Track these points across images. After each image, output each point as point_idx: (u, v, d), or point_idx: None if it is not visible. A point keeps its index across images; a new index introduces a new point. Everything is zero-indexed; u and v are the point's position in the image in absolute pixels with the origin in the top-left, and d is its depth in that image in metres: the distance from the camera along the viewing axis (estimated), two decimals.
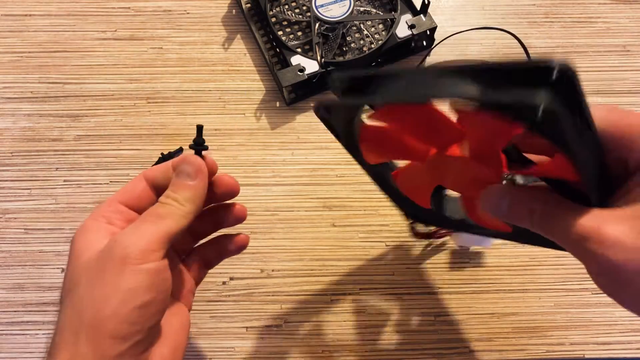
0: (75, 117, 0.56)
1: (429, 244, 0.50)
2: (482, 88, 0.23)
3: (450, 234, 0.47)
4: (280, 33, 0.58)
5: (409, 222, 0.45)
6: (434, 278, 0.49)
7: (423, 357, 0.46)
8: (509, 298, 0.48)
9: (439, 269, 0.49)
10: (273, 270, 0.50)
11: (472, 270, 0.49)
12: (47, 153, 0.54)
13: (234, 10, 0.61)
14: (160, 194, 0.33)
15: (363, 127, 0.32)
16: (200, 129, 0.34)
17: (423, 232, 0.46)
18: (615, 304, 0.25)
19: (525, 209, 0.27)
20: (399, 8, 0.57)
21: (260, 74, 0.58)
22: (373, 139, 0.33)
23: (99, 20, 0.61)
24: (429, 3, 0.55)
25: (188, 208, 0.32)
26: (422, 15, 0.56)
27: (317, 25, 0.56)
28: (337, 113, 0.33)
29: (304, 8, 0.60)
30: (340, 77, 0.30)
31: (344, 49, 0.58)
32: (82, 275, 0.29)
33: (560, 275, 0.49)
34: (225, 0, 0.62)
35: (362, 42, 0.58)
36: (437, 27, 0.56)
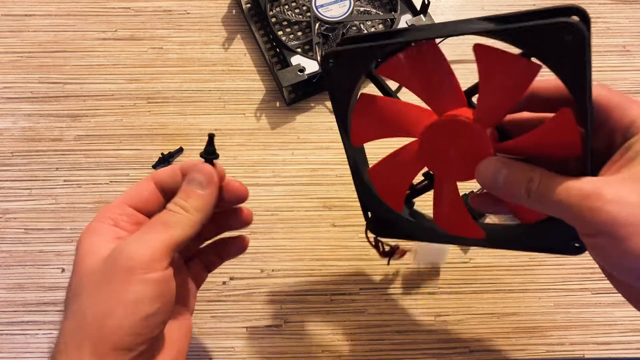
0: (75, 117, 0.56)
1: (389, 262, 0.49)
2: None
3: (408, 252, 0.47)
4: (280, 33, 0.58)
5: (373, 238, 0.43)
6: (434, 278, 0.49)
7: (423, 357, 0.46)
8: (509, 298, 0.48)
9: (439, 269, 0.49)
10: (273, 270, 0.50)
11: (472, 270, 0.49)
12: (47, 153, 0.54)
13: (234, 10, 0.62)
14: (168, 197, 0.33)
15: (362, 95, 0.33)
16: (212, 138, 0.33)
17: (385, 250, 0.45)
18: (615, 305, 0.25)
19: (524, 178, 0.27)
20: (399, 8, 0.57)
21: (260, 74, 0.58)
22: (370, 108, 0.33)
23: (99, 20, 0.61)
24: (429, 3, 0.55)
25: (196, 217, 0.31)
26: (422, 15, 0.56)
27: (317, 25, 0.56)
28: (345, 64, 0.32)
29: (304, 8, 0.60)
30: (349, 38, 0.31)
31: None
32: (85, 283, 0.29)
33: (560, 275, 0.49)
34: (225, 0, 0.62)
35: None
36: None
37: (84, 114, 0.56)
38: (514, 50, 0.26)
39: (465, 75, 0.31)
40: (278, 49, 0.58)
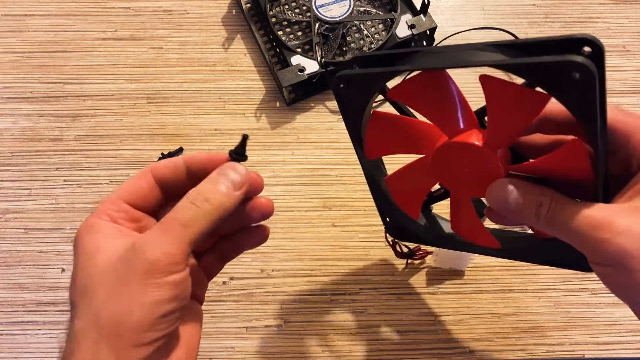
0: (75, 117, 0.56)
1: (409, 263, 0.49)
2: (514, 56, 0.25)
3: (429, 254, 0.48)
4: (280, 33, 0.58)
5: (390, 240, 0.44)
6: (434, 278, 0.49)
7: (423, 357, 0.46)
8: (509, 298, 0.48)
9: (439, 269, 0.49)
10: (273, 270, 0.50)
11: (472, 270, 0.49)
12: (47, 153, 0.54)
13: (234, 10, 0.62)
14: (168, 193, 0.32)
15: (374, 112, 0.33)
16: (245, 139, 0.31)
17: (404, 251, 0.46)
18: (615, 305, 0.25)
19: (534, 203, 0.27)
20: (399, 8, 0.57)
21: (260, 74, 0.58)
22: (382, 125, 0.33)
23: (99, 20, 0.61)
24: (429, 3, 0.55)
25: (216, 215, 0.29)
26: (422, 15, 0.56)
27: (317, 25, 0.56)
28: (355, 87, 0.32)
29: (304, 8, 0.60)
30: (358, 58, 0.30)
31: (344, 49, 0.58)
32: (97, 284, 0.28)
33: (560, 275, 0.49)
34: (225, 0, 0.62)
35: (362, 42, 0.58)
36: (437, 27, 0.57)
37: (84, 114, 0.56)
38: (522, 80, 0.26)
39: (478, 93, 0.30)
40: (278, 49, 0.58)
